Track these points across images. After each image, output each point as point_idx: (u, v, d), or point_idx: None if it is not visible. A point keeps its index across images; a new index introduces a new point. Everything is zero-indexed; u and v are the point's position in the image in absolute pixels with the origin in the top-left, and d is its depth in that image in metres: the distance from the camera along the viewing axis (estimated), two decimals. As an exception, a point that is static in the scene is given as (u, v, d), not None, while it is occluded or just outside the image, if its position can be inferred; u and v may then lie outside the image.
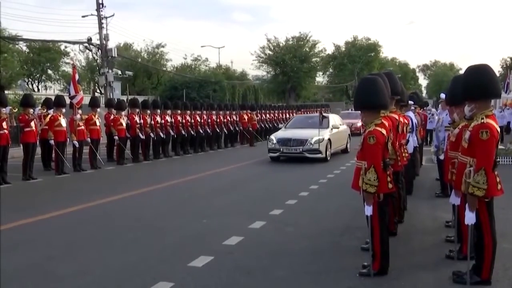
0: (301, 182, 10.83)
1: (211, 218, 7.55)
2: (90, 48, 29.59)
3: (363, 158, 4.66)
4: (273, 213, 7.74)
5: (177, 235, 6.51)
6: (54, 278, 4.89)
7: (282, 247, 5.91)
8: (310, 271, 5.00)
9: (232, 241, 6.10)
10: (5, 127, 11.25)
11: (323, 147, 14.72)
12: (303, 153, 14.68)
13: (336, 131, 16.44)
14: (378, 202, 4.66)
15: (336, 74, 66.06)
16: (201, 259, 5.35)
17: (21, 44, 37.43)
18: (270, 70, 52.96)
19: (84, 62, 44.27)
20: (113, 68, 28.28)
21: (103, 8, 27.53)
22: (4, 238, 6.41)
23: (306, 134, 14.97)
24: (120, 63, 35.39)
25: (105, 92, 27.49)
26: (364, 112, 4.86)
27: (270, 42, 52.03)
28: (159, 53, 49.52)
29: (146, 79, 46.41)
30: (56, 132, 12.61)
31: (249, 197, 9.36)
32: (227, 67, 57.30)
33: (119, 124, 14.95)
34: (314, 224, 7.13)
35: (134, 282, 4.69)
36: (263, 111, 26.71)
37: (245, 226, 6.83)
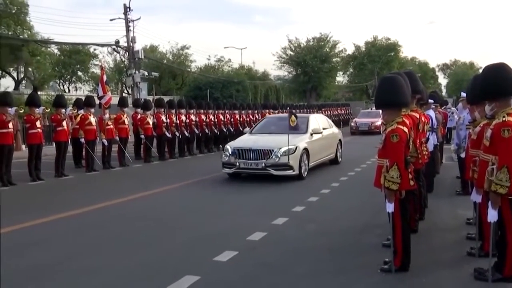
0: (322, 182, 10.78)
1: (236, 214, 7.60)
2: (118, 50, 29.98)
3: (385, 156, 4.60)
4: (295, 209, 7.75)
5: (203, 231, 6.54)
6: (84, 272, 4.95)
7: (304, 243, 5.89)
8: (331, 267, 4.98)
9: (255, 237, 6.11)
10: (39, 126, 11.48)
11: (295, 161, 10.47)
12: (266, 169, 10.40)
13: (319, 138, 12.04)
14: (399, 199, 4.61)
15: (356, 73, 65.45)
16: (225, 254, 5.38)
17: (52, 47, 38.11)
18: (292, 70, 52.70)
19: (112, 63, 44.96)
20: (139, 69, 28.49)
21: (130, 11, 27.80)
22: (38, 233, 6.55)
23: (272, 143, 10.77)
24: (146, 65, 35.64)
25: (132, 93, 27.77)
26: (386, 110, 4.79)
27: (291, 43, 51.80)
28: (183, 54, 49.86)
29: (171, 80, 46.74)
30: (87, 131, 12.82)
31: (273, 193, 9.40)
32: (250, 67, 57.41)
33: (146, 123, 15.10)
34: (335, 221, 7.11)
35: (162, 275, 4.74)
36: (285, 110, 26.65)
37: (268, 223, 6.85)
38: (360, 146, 19.33)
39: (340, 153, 14.00)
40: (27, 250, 5.75)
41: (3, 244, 5.93)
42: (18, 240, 6.17)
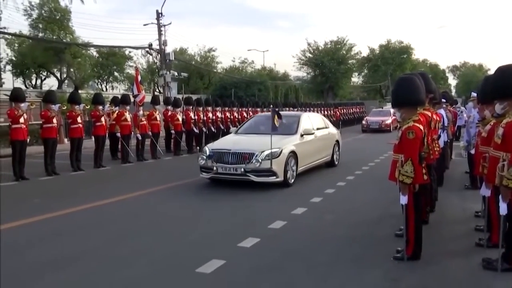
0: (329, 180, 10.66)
1: (258, 202, 7.59)
2: (151, 52, 30.07)
3: (400, 151, 4.54)
4: (313, 200, 7.71)
5: (227, 220, 6.55)
6: (119, 257, 5.01)
7: (322, 232, 5.85)
8: (348, 255, 4.93)
9: (276, 225, 6.10)
10: (80, 121, 11.65)
11: (279, 166, 8.60)
12: (246, 175, 8.57)
13: (311, 139, 10.13)
14: (413, 193, 4.55)
15: (370, 75, 64.69)
16: (249, 240, 5.39)
17: (92, 49, 38.48)
18: (310, 71, 52.31)
19: (145, 65, 45.13)
20: (170, 70, 28.63)
21: (162, 17, 27.90)
22: (78, 219, 6.64)
23: (254, 145, 8.94)
24: (176, 66, 35.78)
25: (163, 91, 27.94)
26: (403, 108, 4.70)
27: (310, 45, 51.41)
28: (210, 56, 49.87)
29: (199, 80, 46.83)
30: (122, 126, 12.96)
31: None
32: (271, 68, 57.16)
33: (176, 119, 15.19)
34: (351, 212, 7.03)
35: (190, 259, 4.75)
36: (304, 109, 26.55)
37: (288, 212, 6.83)
38: (369, 144, 19.04)
39: (338, 155, 12.13)
40: (66, 236, 5.86)
41: (46, 229, 6.07)
42: (60, 226, 6.29)
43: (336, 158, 11.93)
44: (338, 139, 12.24)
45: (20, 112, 10.10)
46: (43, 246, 5.33)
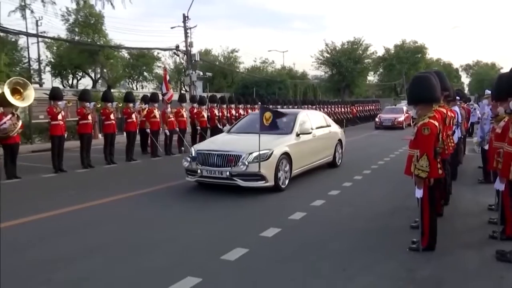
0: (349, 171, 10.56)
1: (279, 195, 7.54)
2: (178, 53, 30.26)
3: (416, 147, 4.46)
4: (331, 193, 7.64)
5: (249, 210, 6.56)
6: (151, 242, 5.07)
7: (339, 223, 5.79)
8: (364, 245, 4.88)
9: (296, 216, 6.08)
10: (112, 118, 11.81)
11: (268, 169, 7.44)
12: (233, 179, 7.41)
13: (309, 139, 8.92)
14: (428, 186, 4.47)
15: (385, 73, 63.70)
16: (270, 230, 5.38)
17: (123, 51, 38.90)
18: (328, 70, 51.81)
19: (172, 65, 45.37)
20: (196, 70, 28.75)
21: (188, 20, 28.01)
22: (111, 209, 6.75)
23: (242, 146, 7.79)
24: (201, 66, 35.90)
25: (189, 90, 28.08)
26: (419, 105, 4.61)
27: (327, 46, 50.89)
28: (233, 57, 49.92)
29: (222, 79, 46.90)
30: (152, 123, 13.09)
31: (311, 176, 9.22)
32: (290, 68, 56.83)
33: (201, 116, 15.25)
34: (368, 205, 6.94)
35: (216, 247, 4.77)
36: (322, 106, 26.40)
37: (308, 204, 6.79)
38: (381, 140, 18.71)
39: (340, 155, 10.85)
40: (101, 224, 5.95)
41: (81, 218, 6.17)
42: (91, 216, 6.39)
43: (338, 158, 10.71)
44: (341, 138, 10.99)
45: (58, 109, 10.29)
46: (77, 233, 5.44)
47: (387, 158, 12.10)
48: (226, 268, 4.21)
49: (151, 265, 4.29)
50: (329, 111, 26.58)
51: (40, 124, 16.85)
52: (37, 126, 17.09)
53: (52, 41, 35.21)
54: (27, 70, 33.57)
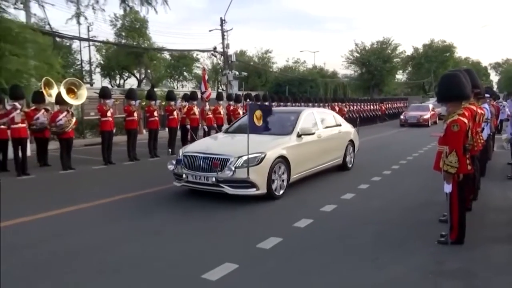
0: (384, 162, 10.31)
1: (310, 188, 7.44)
2: (215, 54, 30.51)
3: (445, 143, 4.32)
4: (360, 187, 7.51)
5: (283, 201, 6.50)
6: (189, 232, 5.12)
7: (369, 216, 5.68)
8: (393, 238, 4.77)
9: (327, 208, 6.01)
10: (156, 115, 12.03)
11: (259, 175, 6.27)
12: (219, 186, 6.26)
13: (312, 140, 7.66)
14: (458, 182, 4.33)
15: (414, 72, 62.00)
16: (303, 221, 5.34)
17: (165, 53, 39.52)
18: (357, 69, 51.03)
19: (210, 65, 45.78)
20: (232, 69, 28.92)
21: (225, 23, 28.20)
22: (158, 196, 6.87)
23: (233, 148, 6.61)
24: (237, 66, 36.05)
25: (226, 89, 28.27)
26: (449, 103, 4.46)
27: (357, 46, 50.14)
28: (267, 57, 49.89)
29: (257, 78, 46.92)
30: (191, 119, 13.23)
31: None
32: (321, 67, 56.16)
33: (237, 113, 15.28)
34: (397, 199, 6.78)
35: (251, 236, 4.78)
36: (351, 103, 25.98)
37: (338, 197, 6.71)
38: (406, 138, 18.16)
39: (352, 156, 9.46)
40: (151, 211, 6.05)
41: (128, 206, 6.32)
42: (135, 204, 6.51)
43: (349, 160, 9.32)
44: (353, 139, 9.57)
45: (107, 107, 10.58)
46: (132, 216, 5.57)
47: (410, 157, 11.70)
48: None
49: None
50: (358, 109, 26.15)
51: (91, 121, 17.38)
52: (88, 122, 17.65)
53: (101, 45, 36.25)
54: (80, 71, 34.77)
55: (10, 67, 9.84)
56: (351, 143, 9.43)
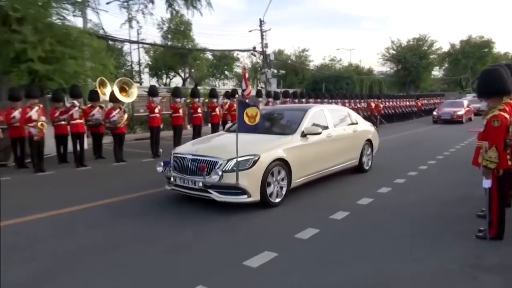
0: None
1: (346, 182, 7.32)
2: (255, 54, 30.59)
3: (484, 138, 4.12)
4: (396, 181, 7.31)
5: (321, 194, 6.44)
6: (229, 223, 5.16)
7: (405, 210, 5.51)
8: (429, 232, 4.61)
9: (363, 202, 5.90)
10: (199, 111, 12.25)
11: (251, 181, 5.39)
12: (207, 191, 5.44)
13: (320, 140, 6.65)
14: (497, 177, 4.11)
15: (451, 68, 59.26)
16: (339, 214, 5.27)
17: (208, 53, 40.06)
18: (393, 66, 49.52)
19: (249, 64, 45.90)
20: (270, 68, 28.92)
21: (264, 24, 28.21)
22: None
23: (224, 149, 5.77)
24: (275, 64, 35.95)
25: (265, 86, 28.32)
26: (490, 98, 4.24)
27: (393, 43, 48.59)
28: (304, 55, 49.34)
29: (294, 76, 46.55)
30: (233, 115, 13.32)
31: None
32: (357, 65, 54.93)
33: (276, 110, 15.29)
34: (434, 192, 6.54)
35: (289, 227, 4.74)
36: (387, 99, 25.26)
37: (374, 191, 6.56)
38: (439, 134, 17.37)
39: (369, 157, 8.43)
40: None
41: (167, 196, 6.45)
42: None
43: (366, 161, 8.28)
44: (371, 138, 8.48)
45: (155, 104, 10.86)
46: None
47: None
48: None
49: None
50: (394, 105, 25.40)
51: (141, 117, 17.93)
52: (138, 118, 18.22)
53: (149, 47, 37.27)
54: (130, 71, 35.88)
55: (68, 70, 10.31)
56: (368, 143, 8.37)
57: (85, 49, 11.44)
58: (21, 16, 9.77)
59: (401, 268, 3.65)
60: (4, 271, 3.66)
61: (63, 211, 5.60)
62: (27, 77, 9.81)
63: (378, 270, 3.60)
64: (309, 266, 3.68)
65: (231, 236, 4.56)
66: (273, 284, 3.36)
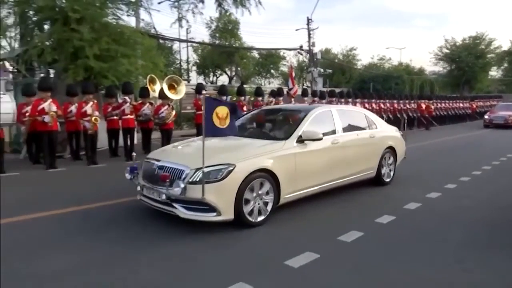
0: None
1: (396, 185, 7.07)
2: (301, 52, 30.39)
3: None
4: (447, 186, 6.97)
5: (365, 197, 6.27)
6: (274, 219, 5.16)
7: (456, 216, 5.23)
8: (482, 239, 4.35)
9: (411, 206, 5.68)
10: (245, 110, 12.32)
11: (221, 195, 4.38)
12: (172, 205, 4.49)
13: (323, 148, 5.61)
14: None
15: (510, 68, 55.61)
16: (385, 217, 5.11)
17: (254, 52, 40.35)
18: (446, 66, 47.23)
19: (295, 63, 45.68)
20: (317, 67, 28.60)
21: (311, 22, 27.94)
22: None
23: (194, 156, 4.57)
24: (321, 63, 35.52)
25: (311, 85, 28.06)
26: None
27: (447, 42, 46.34)
28: (351, 54, 48.45)
29: (341, 75, 45.83)
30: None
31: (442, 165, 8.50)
32: (407, 64, 53.11)
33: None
34: (487, 198, 6.17)
35: (333, 229, 4.66)
36: (438, 101, 24.16)
37: (423, 195, 6.30)
38: (491, 139, 16.37)
39: (391, 168, 7.20)
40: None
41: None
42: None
43: (386, 172, 7.05)
44: (394, 145, 7.19)
45: (202, 101, 11.08)
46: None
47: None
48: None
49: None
50: (446, 106, 24.27)
51: (188, 114, 18.41)
52: (185, 115, 18.70)
53: (198, 45, 38.08)
54: (178, 69, 36.86)
55: (121, 69, 10.77)
56: (390, 150, 7.11)
57: (137, 48, 11.88)
58: (80, 16, 10.32)
59: (450, 277, 3.47)
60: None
61: (116, 202, 5.82)
62: (83, 74, 10.36)
63: (424, 278, 3.45)
64: (350, 269, 3.60)
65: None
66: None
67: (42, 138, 8.92)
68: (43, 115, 8.74)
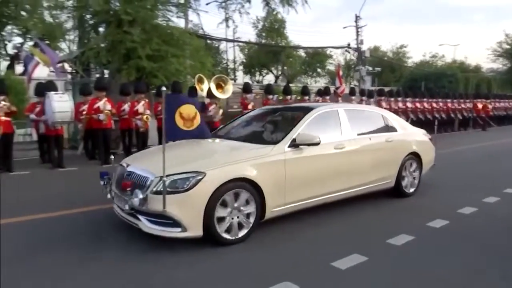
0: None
1: (449, 189, 6.71)
2: (349, 51, 29.82)
3: None
4: (506, 191, 6.50)
5: (418, 200, 5.99)
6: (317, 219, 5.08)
7: None
8: None
9: (466, 211, 5.36)
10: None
11: (186, 208, 3.71)
12: (136, 217, 3.92)
13: (323, 154, 4.78)
14: None
15: None
16: (437, 221, 4.87)
17: (300, 51, 40.10)
18: (506, 62, 44.34)
19: (343, 62, 44.88)
20: (365, 65, 27.95)
21: (360, 20, 27.35)
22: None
23: (167, 161, 3.65)
24: (370, 61, 34.62)
25: (359, 84, 27.45)
26: None
27: (508, 37, 43.50)
28: (401, 52, 46.81)
29: (390, 73, 44.43)
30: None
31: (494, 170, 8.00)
32: (462, 61, 50.42)
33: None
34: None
35: (381, 232, 4.50)
36: (497, 100, 22.70)
37: (479, 200, 5.93)
38: None
39: (415, 177, 6.22)
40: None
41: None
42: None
43: (409, 182, 6.12)
44: (418, 151, 6.19)
45: (248, 100, 11.15)
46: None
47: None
48: None
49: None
50: (506, 106, 22.77)
51: (235, 112, 18.55)
52: (232, 114, 18.91)
53: (244, 45, 38.44)
54: (225, 69, 37.43)
55: (171, 68, 11.09)
56: (413, 157, 6.13)
57: (186, 48, 12.19)
58: (132, 18, 10.74)
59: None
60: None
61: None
62: (135, 74, 10.77)
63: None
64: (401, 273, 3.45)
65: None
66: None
67: (97, 135, 9.37)
68: (98, 113, 9.22)
